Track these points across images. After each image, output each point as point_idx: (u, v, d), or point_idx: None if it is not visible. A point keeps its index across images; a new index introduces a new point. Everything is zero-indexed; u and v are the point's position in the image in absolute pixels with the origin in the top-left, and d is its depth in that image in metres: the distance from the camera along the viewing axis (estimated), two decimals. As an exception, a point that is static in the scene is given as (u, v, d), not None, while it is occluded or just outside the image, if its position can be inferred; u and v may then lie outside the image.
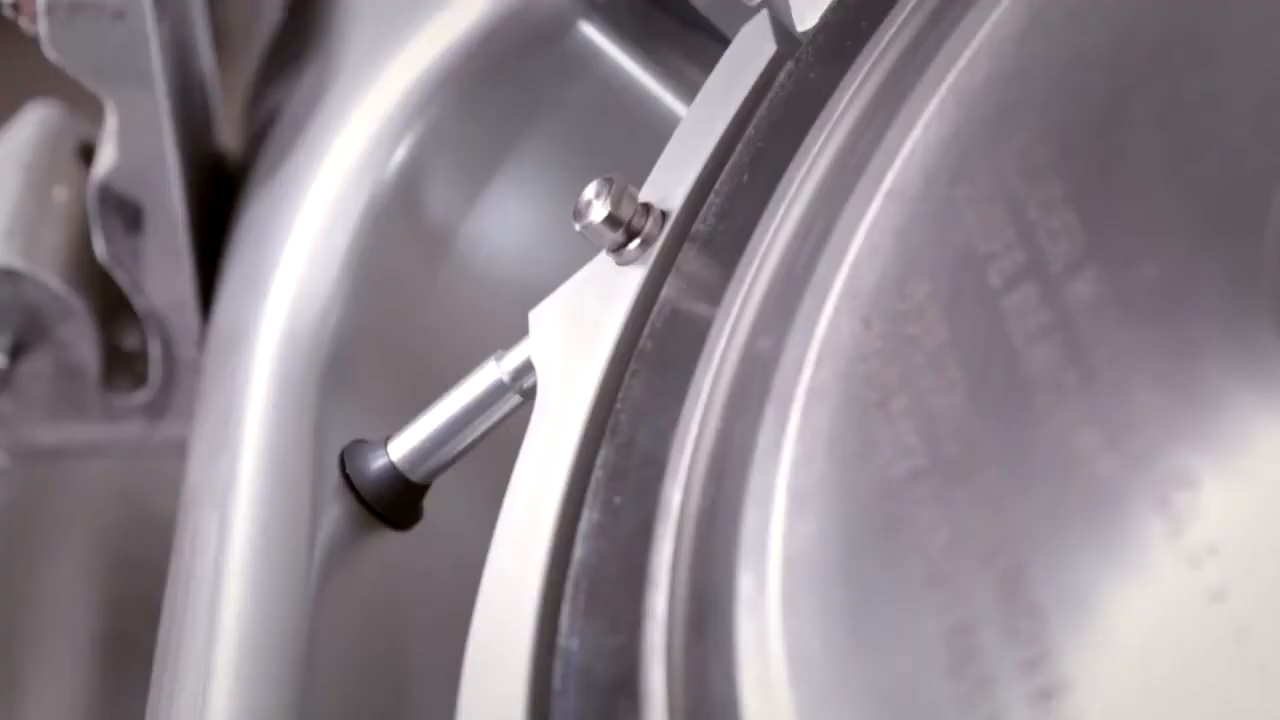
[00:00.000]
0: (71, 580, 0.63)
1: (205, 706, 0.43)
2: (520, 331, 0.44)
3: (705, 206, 0.43)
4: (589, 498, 0.39)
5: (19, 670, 0.60)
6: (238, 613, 0.44)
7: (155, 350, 0.60)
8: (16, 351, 0.60)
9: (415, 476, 0.45)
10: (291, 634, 0.44)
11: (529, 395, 0.44)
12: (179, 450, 0.55)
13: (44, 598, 0.62)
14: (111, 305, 0.61)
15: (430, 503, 0.46)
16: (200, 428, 0.53)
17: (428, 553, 0.47)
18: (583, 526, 0.38)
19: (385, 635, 0.46)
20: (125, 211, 0.57)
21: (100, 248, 0.58)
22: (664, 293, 0.42)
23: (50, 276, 0.59)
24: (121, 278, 0.59)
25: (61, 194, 0.61)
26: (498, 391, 0.44)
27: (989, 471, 0.33)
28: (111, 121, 0.56)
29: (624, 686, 0.35)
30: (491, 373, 0.44)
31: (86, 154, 0.63)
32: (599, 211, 0.42)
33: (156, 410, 0.63)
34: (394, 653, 0.46)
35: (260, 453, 0.47)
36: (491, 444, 0.45)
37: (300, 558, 0.45)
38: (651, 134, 0.49)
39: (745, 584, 0.35)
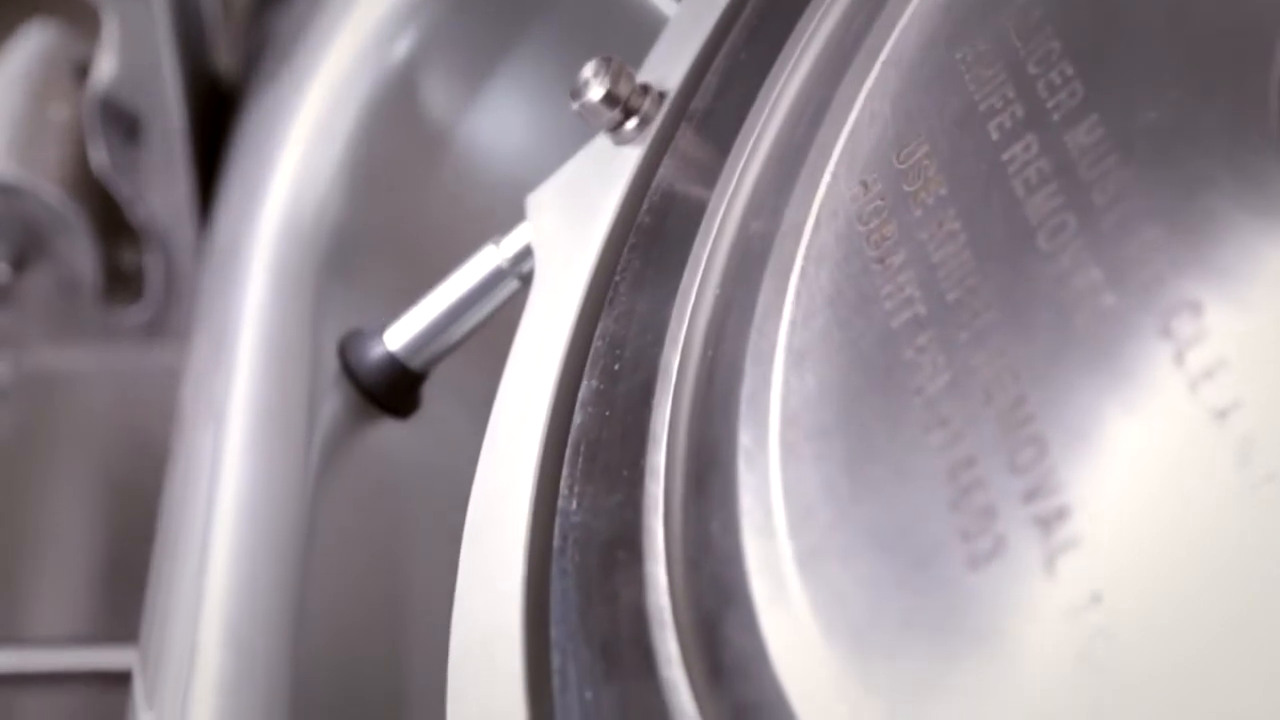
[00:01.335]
0: (70, 503, 0.63)
1: (202, 593, 0.43)
2: (518, 223, 0.44)
3: (703, 85, 0.42)
4: (588, 366, 0.38)
5: (19, 589, 0.60)
6: (235, 500, 0.44)
7: (153, 264, 0.60)
8: (17, 266, 0.59)
9: (414, 364, 0.45)
10: (290, 521, 0.44)
11: (528, 281, 0.43)
12: (177, 376, 0.55)
13: (43, 519, 0.62)
14: (110, 223, 0.61)
15: (429, 392, 0.46)
16: (197, 340, 0.53)
17: (427, 441, 0.47)
18: (582, 394, 0.38)
19: (384, 522, 0.46)
20: (123, 122, 0.57)
21: (98, 158, 0.58)
22: (662, 170, 0.42)
23: (49, 190, 0.59)
24: (119, 189, 0.58)
25: (59, 110, 0.61)
26: (496, 277, 0.44)
27: (990, 315, 0.32)
28: (109, 32, 0.56)
29: (623, 540, 0.34)
30: (490, 257, 0.44)
31: (84, 74, 0.63)
32: (596, 90, 0.42)
33: (155, 329, 0.63)
34: (393, 539, 0.46)
35: (258, 344, 0.47)
36: (492, 335, 0.45)
37: (298, 446, 0.45)
38: (650, 34, 0.48)
39: (745, 439, 0.34)
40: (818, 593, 0.31)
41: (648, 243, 0.40)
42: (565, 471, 0.37)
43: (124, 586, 0.61)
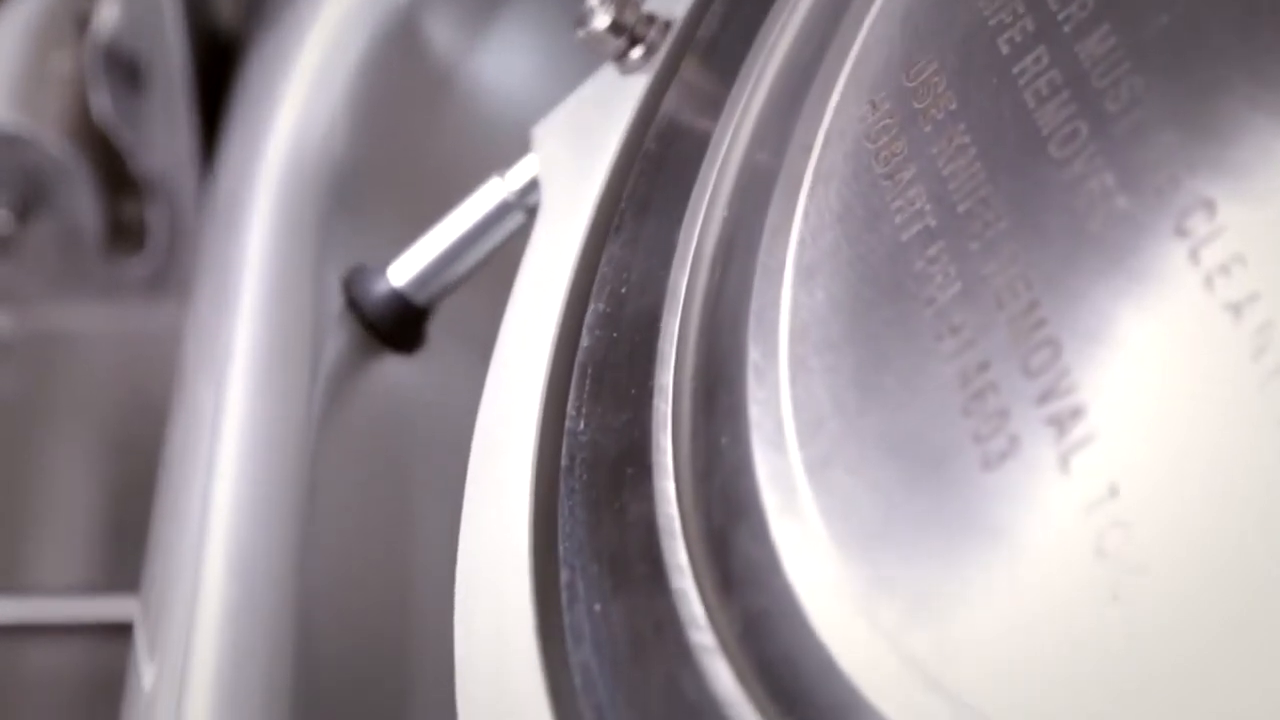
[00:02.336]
0: (73, 458, 0.63)
1: (204, 540, 0.43)
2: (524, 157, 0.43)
3: (709, 13, 0.42)
4: (595, 290, 0.38)
5: (20, 540, 0.60)
6: (238, 443, 0.44)
7: (155, 216, 0.60)
8: (20, 218, 0.59)
9: (418, 299, 0.45)
10: (293, 463, 0.44)
11: (533, 214, 0.43)
12: (180, 335, 0.54)
13: (46, 473, 0.62)
14: (112, 175, 0.61)
15: (435, 331, 0.46)
16: (199, 287, 0.53)
17: (433, 379, 0.47)
18: (589, 317, 0.38)
19: (389, 460, 0.46)
20: (125, 71, 0.57)
21: (100, 107, 0.57)
22: (669, 98, 0.41)
23: (51, 139, 0.59)
24: (122, 138, 0.58)
25: (61, 62, 0.61)
26: (502, 209, 0.44)
27: (1002, 224, 0.32)
28: (112, -20, 0.56)
29: (631, 457, 0.34)
30: (495, 189, 0.44)
31: (84, 26, 0.62)
32: (602, 18, 0.41)
33: (158, 284, 0.62)
34: (398, 478, 0.46)
35: (261, 283, 0.47)
36: (499, 275, 0.45)
37: (302, 385, 0.45)
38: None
39: (754, 354, 0.34)
40: (830, 500, 0.31)
41: (654, 169, 0.40)
42: (572, 393, 0.37)
43: (126, 537, 0.60)
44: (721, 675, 0.29)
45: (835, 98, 0.38)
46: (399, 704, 0.44)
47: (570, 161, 0.42)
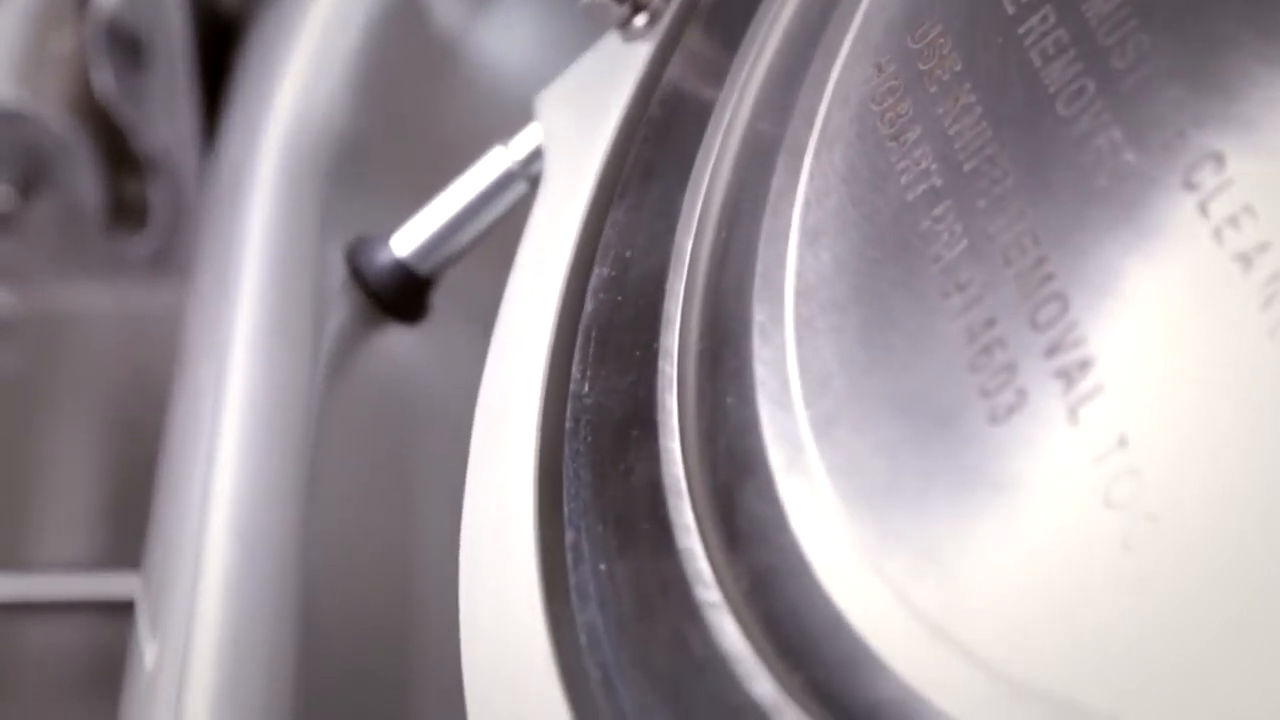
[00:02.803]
0: (75, 437, 0.63)
1: (207, 516, 0.43)
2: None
3: (713, -19, 0.42)
4: (599, 254, 0.38)
5: (22, 518, 0.60)
6: (240, 416, 0.44)
7: (157, 194, 0.60)
8: (23, 195, 0.59)
9: (422, 269, 0.45)
10: (296, 437, 0.44)
11: (536, 183, 0.43)
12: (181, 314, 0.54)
13: (47, 452, 0.62)
14: (114, 153, 0.60)
15: (438, 304, 0.46)
16: (201, 262, 0.53)
17: (436, 352, 0.47)
18: (593, 281, 0.38)
19: (392, 432, 0.46)
20: (126, 47, 0.57)
21: (102, 83, 0.57)
22: (673, 65, 0.41)
23: (53, 115, 0.59)
24: (123, 116, 0.58)
25: (61, 39, 0.61)
26: (505, 179, 0.44)
27: (1008, 182, 0.32)
28: (113, -45, 0.56)
29: (637, 418, 0.34)
30: (498, 158, 0.44)
31: (84, 3, 0.62)
32: (605, -15, 0.41)
33: (159, 263, 0.62)
34: (401, 446, 0.46)
35: (264, 255, 0.46)
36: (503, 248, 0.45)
37: (305, 357, 0.45)
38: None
39: (759, 315, 0.34)
40: (836, 458, 0.31)
41: (658, 136, 0.40)
42: (576, 357, 0.36)
43: (129, 515, 0.60)
44: (728, 631, 0.29)
45: (840, 61, 0.37)
46: (403, 680, 0.44)
47: (573, 129, 0.42)
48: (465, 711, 0.33)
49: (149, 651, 0.43)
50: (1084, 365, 0.28)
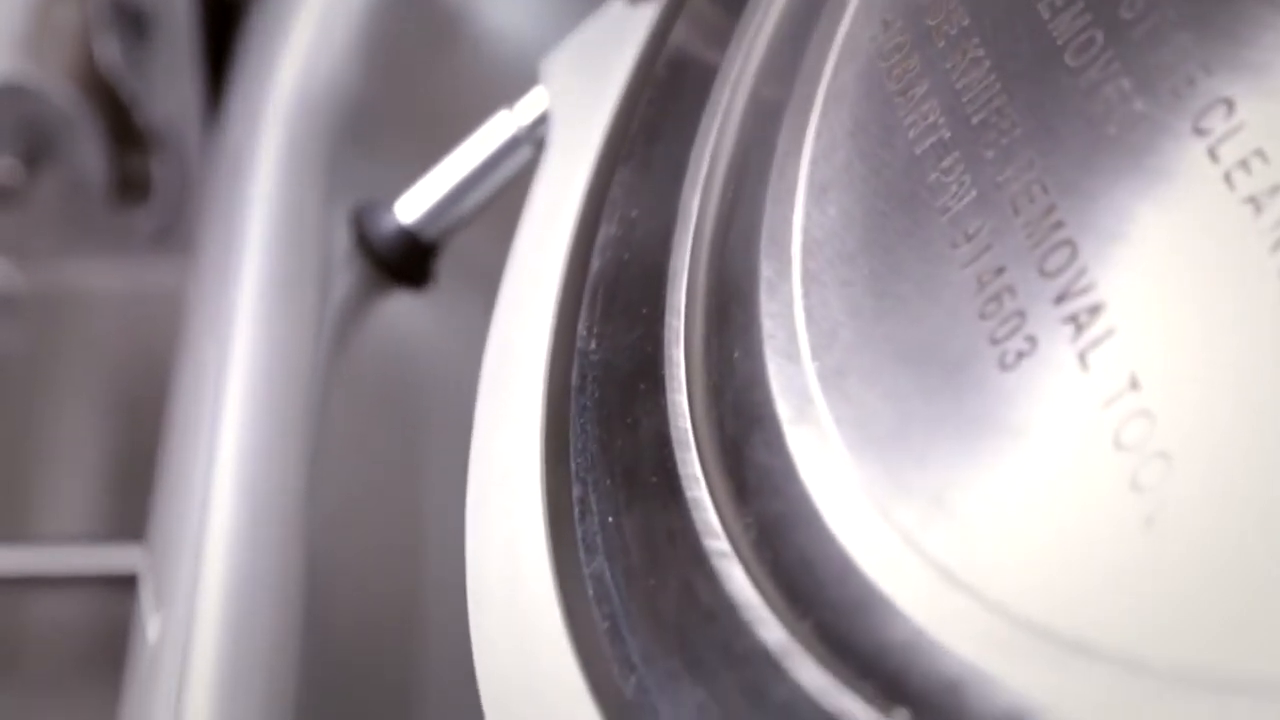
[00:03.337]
0: (79, 414, 0.63)
1: (210, 488, 0.42)
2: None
3: (718, -57, 0.42)
4: (605, 214, 0.38)
5: (25, 492, 0.60)
6: (245, 384, 0.44)
7: (161, 168, 0.60)
8: (27, 168, 0.59)
9: (427, 234, 0.45)
10: (300, 407, 0.44)
11: (541, 147, 0.43)
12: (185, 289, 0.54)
13: (51, 429, 0.62)
14: (119, 127, 0.60)
15: (443, 268, 0.46)
16: (206, 235, 0.52)
17: (442, 320, 0.46)
18: (600, 240, 0.37)
19: (398, 395, 0.46)
20: (130, 20, 0.57)
21: (106, 55, 0.57)
22: (679, 25, 0.41)
23: (57, 89, 0.58)
24: (127, 89, 0.58)
25: (64, 13, 0.61)
26: (510, 142, 0.44)
27: (1017, 132, 0.32)
28: (115, -73, 0.56)
29: (644, 373, 0.34)
30: (503, 122, 0.43)
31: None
32: (611, -52, 0.41)
33: (164, 238, 0.62)
34: (406, 412, 0.46)
35: (268, 223, 0.46)
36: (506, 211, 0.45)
37: (310, 324, 0.45)
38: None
39: (767, 270, 0.34)
40: (845, 409, 0.30)
41: (665, 96, 0.40)
42: (583, 315, 0.36)
43: (133, 489, 0.60)
44: (737, 579, 0.29)
45: (847, 18, 0.37)
46: (410, 648, 0.44)
47: (579, 92, 0.41)
48: (473, 671, 0.33)
49: (153, 624, 0.43)
50: (1094, 310, 0.28)
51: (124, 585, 0.51)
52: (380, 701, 0.43)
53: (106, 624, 0.57)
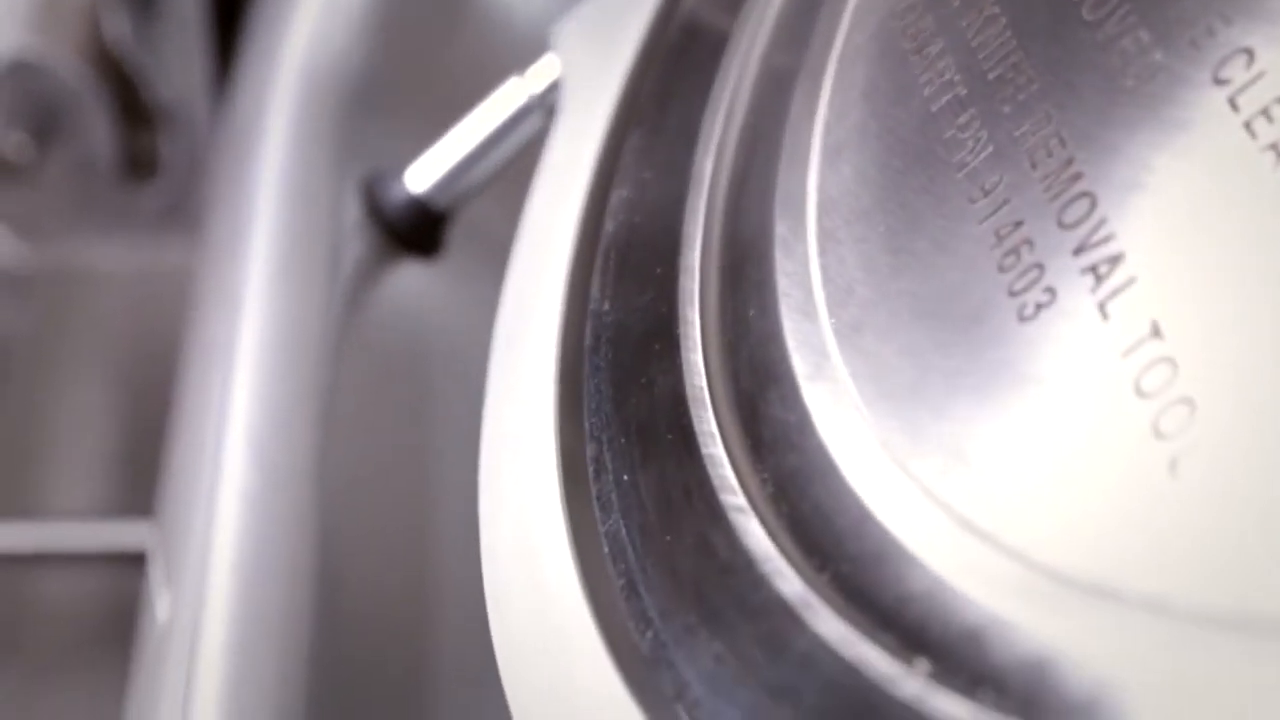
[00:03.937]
0: (88, 393, 0.62)
1: (220, 463, 0.42)
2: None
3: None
4: (618, 178, 0.38)
5: (35, 470, 0.60)
6: (255, 356, 0.44)
7: (169, 145, 0.60)
8: (36, 145, 0.59)
9: (438, 202, 0.44)
10: (312, 368, 0.43)
11: (552, 115, 0.43)
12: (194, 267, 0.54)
13: (61, 407, 0.62)
14: (127, 104, 0.60)
15: (454, 236, 0.46)
16: (214, 210, 0.52)
17: (452, 288, 0.46)
18: (612, 203, 0.37)
19: (409, 364, 0.45)
20: (137, -3, 0.57)
21: (115, 30, 0.57)
22: (690, -7, 0.41)
23: (67, 65, 0.58)
24: (136, 65, 0.58)
25: (73, -11, 0.61)
26: (521, 110, 0.43)
27: (1034, 87, 0.32)
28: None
29: (658, 333, 0.34)
30: (514, 89, 0.43)
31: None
32: (622, -86, 0.41)
33: (172, 216, 0.62)
34: (418, 383, 0.46)
35: (278, 194, 0.46)
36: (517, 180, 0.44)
37: (321, 290, 0.44)
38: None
39: (781, 229, 0.34)
40: (862, 364, 0.30)
41: (677, 62, 0.40)
42: (596, 277, 0.36)
43: (142, 465, 0.60)
44: (754, 533, 0.29)
45: (860, -18, 0.37)
46: (423, 623, 0.44)
47: (591, 59, 0.41)
48: (488, 637, 0.33)
49: (162, 602, 0.43)
50: (1113, 260, 0.28)
51: (133, 562, 0.51)
52: (393, 677, 0.43)
53: (116, 601, 0.57)
